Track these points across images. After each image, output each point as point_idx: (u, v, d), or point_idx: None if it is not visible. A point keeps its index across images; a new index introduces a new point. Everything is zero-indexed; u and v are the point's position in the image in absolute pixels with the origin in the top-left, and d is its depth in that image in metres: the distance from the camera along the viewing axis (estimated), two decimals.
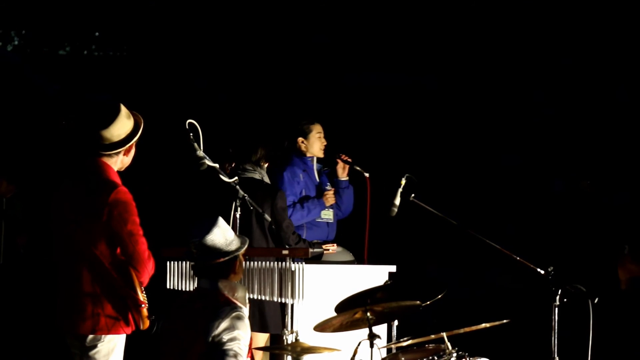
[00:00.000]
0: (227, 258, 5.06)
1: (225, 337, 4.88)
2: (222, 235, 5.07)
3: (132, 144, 5.63)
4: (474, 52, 9.95)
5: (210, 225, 5.07)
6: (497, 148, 9.81)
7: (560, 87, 9.66)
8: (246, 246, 5.14)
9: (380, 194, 6.84)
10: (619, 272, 6.84)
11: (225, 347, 4.86)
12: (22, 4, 10.94)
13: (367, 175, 7.71)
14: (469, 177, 9.81)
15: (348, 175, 7.96)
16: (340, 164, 7.92)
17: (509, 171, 9.72)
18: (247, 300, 5.12)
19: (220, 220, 5.11)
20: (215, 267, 5.05)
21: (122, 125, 5.57)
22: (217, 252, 5.04)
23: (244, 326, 4.94)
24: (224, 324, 4.89)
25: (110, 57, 11.00)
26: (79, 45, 11.07)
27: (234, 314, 4.92)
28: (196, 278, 5.19)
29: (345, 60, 10.22)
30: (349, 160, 7.87)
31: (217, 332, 4.88)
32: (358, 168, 7.81)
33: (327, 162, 7.99)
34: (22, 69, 10.86)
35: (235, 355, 4.88)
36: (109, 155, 5.57)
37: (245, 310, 5.01)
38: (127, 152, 5.64)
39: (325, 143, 7.86)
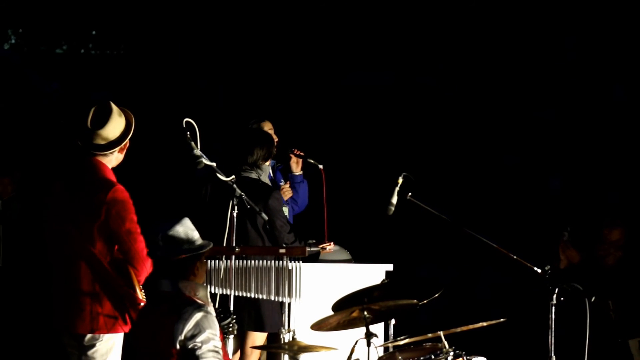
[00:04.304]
0: (188, 255, 5.01)
1: (198, 342, 4.80)
2: (184, 232, 5.02)
3: (127, 141, 5.65)
4: (473, 52, 9.95)
5: (175, 222, 5.04)
6: (495, 147, 9.81)
7: (559, 87, 9.67)
8: (209, 248, 5.06)
9: (378, 191, 6.81)
10: (560, 255, 6.85)
11: (202, 352, 4.81)
12: (19, 3, 10.92)
13: (321, 167, 7.67)
14: (466, 176, 9.81)
15: (302, 169, 7.89)
16: (294, 159, 7.84)
17: (506, 170, 9.72)
18: (209, 299, 5.04)
19: (186, 220, 5.08)
20: (176, 265, 4.99)
21: (117, 123, 5.59)
22: (178, 247, 4.99)
23: (211, 323, 4.86)
24: (189, 326, 4.81)
25: (108, 55, 10.99)
26: (76, 43, 11.06)
27: (197, 314, 4.84)
28: (157, 281, 5.09)
29: (344, 60, 10.22)
30: (302, 154, 7.80)
31: (182, 336, 4.81)
32: (311, 160, 7.73)
33: (281, 158, 7.92)
34: (19, 68, 10.85)
35: (215, 356, 4.84)
36: (105, 155, 5.58)
37: (210, 308, 4.96)
38: (121, 150, 5.65)
39: (276, 139, 7.79)
